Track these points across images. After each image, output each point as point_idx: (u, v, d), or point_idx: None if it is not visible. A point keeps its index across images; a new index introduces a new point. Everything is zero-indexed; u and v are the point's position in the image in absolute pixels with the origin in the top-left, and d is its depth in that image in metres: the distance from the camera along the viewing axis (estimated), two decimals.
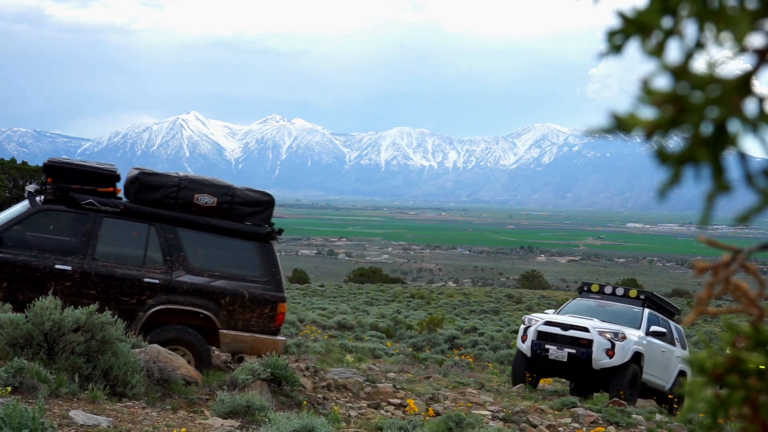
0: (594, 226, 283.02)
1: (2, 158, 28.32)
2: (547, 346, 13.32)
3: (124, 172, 9.69)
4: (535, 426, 9.47)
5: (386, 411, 9.21)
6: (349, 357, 14.65)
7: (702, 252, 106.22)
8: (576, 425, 9.88)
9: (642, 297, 14.47)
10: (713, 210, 0.86)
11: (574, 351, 13.05)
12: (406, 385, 11.01)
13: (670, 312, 15.24)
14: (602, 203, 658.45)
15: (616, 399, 12.72)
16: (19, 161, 28.47)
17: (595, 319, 13.73)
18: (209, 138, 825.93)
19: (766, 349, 0.90)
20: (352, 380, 10.39)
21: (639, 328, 13.60)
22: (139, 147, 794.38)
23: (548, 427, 9.60)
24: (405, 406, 9.28)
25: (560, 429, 9.67)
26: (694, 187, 0.88)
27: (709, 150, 0.83)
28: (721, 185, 0.84)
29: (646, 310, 14.15)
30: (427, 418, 8.55)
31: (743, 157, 0.84)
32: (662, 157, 0.85)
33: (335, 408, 8.09)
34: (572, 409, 10.68)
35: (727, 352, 0.93)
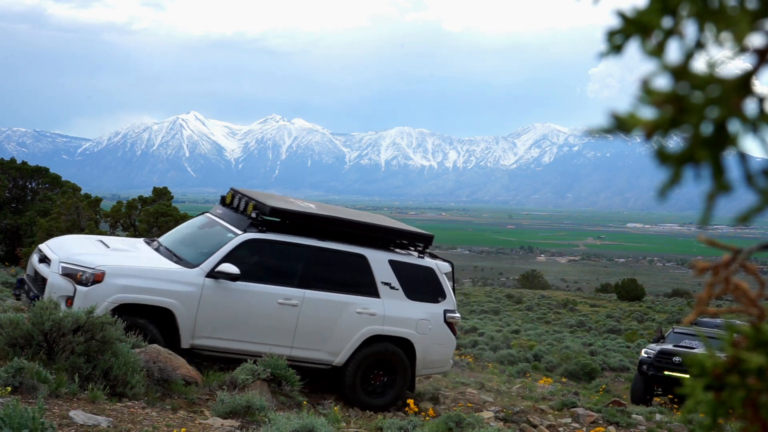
0: (594, 226, 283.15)
1: (2, 158, 28.35)
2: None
3: (124, 172, 9.61)
4: (535, 426, 9.47)
5: (386, 411, 9.21)
6: None
7: (702, 252, 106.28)
8: (576, 425, 9.88)
9: (254, 215, 9.24)
10: (713, 210, 0.86)
11: (33, 294, 8.56)
12: None
13: (365, 240, 9.67)
14: (602, 203, 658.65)
15: (617, 399, 12.69)
16: (18, 161, 28.49)
17: (104, 247, 9.16)
18: (209, 138, 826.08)
19: (766, 349, 0.90)
20: None
21: (199, 264, 8.74)
22: (139, 147, 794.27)
23: (548, 427, 9.60)
24: (405, 406, 9.28)
25: (560, 429, 9.67)
26: (694, 187, 0.88)
27: (709, 150, 0.83)
28: (721, 185, 0.84)
29: (244, 237, 8.92)
30: (427, 418, 8.55)
31: (743, 157, 0.84)
32: (662, 157, 0.85)
33: (335, 408, 8.09)
34: (572, 409, 10.69)
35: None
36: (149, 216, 19.50)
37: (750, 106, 0.82)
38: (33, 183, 27.97)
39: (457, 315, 10.08)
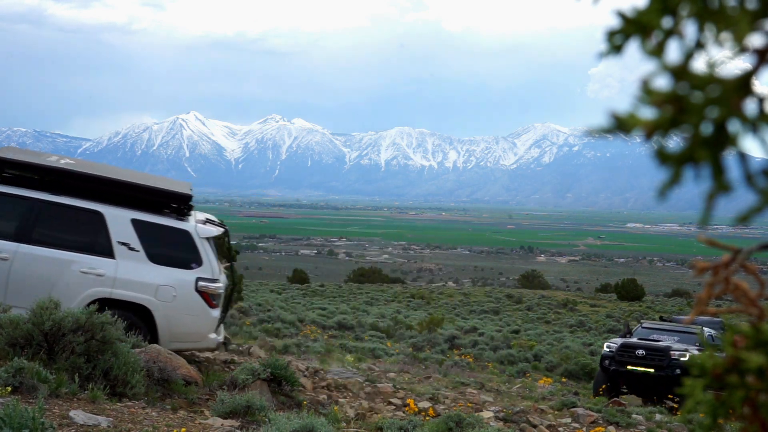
0: (594, 226, 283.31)
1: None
2: None
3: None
4: (535, 426, 9.46)
5: (386, 411, 9.21)
6: (349, 357, 14.66)
7: (702, 252, 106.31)
8: (576, 425, 9.87)
9: None
10: (713, 210, 0.86)
11: None
12: (406, 385, 11.02)
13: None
14: (602, 203, 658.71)
15: (616, 399, 12.69)
16: None
17: None
18: (209, 138, 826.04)
19: (766, 349, 0.90)
20: (352, 380, 10.40)
21: None
22: (139, 147, 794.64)
23: (548, 427, 9.60)
24: (405, 406, 9.28)
25: (560, 429, 9.66)
26: (694, 187, 0.88)
27: (709, 150, 0.83)
28: (721, 185, 0.84)
29: None
30: (427, 418, 8.55)
31: (743, 157, 0.84)
32: (662, 157, 0.85)
33: (335, 408, 8.09)
34: (572, 409, 10.69)
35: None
36: None
37: (750, 106, 0.82)
38: None
39: (215, 285, 8.89)
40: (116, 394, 6.78)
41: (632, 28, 0.85)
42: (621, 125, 0.84)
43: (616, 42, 0.86)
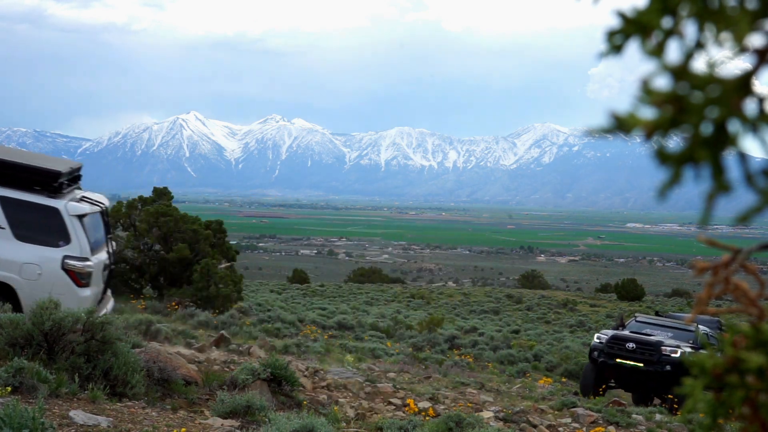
0: (594, 226, 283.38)
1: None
2: None
3: (124, 172, 9.58)
4: (535, 426, 9.46)
5: (386, 411, 9.22)
6: (349, 357, 14.65)
7: (702, 252, 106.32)
8: (576, 425, 9.87)
9: None
10: (713, 210, 0.86)
11: None
12: (406, 385, 11.01)
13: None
14: (602, 203, 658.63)
15: (616, 399, 12.69)
16: None
17: None
18: (209, 138, 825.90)
19: (766, 349, 0.90)
20: (352, 380, 10.40)
21: None
22: (139, 147, 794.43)
23: (548, 427, 9.60)
24: (405, 406, 9.28)
25: (560, 429, 9.66)
26: (694, 187, 0.88)
27: (709, 150, 0.83)
28: (721, 185, 0.84)
29: None
30: (427, 418, 8.55)
31: (743, 157, 0.84)
32: (662, 157, 0.85)
33: (335, 408, 8.09)
34: (572, 409, 10.69)
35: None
36: (149, 216, 19.51)
37: (750, 106, 0.82)
38: None
39: (83, 263, 8.75)
40: (116, 394, 6.78)
41: (632, 28, 0.85)
42: (621, 125, 0.84)
43: (616, 42, 0.86)
